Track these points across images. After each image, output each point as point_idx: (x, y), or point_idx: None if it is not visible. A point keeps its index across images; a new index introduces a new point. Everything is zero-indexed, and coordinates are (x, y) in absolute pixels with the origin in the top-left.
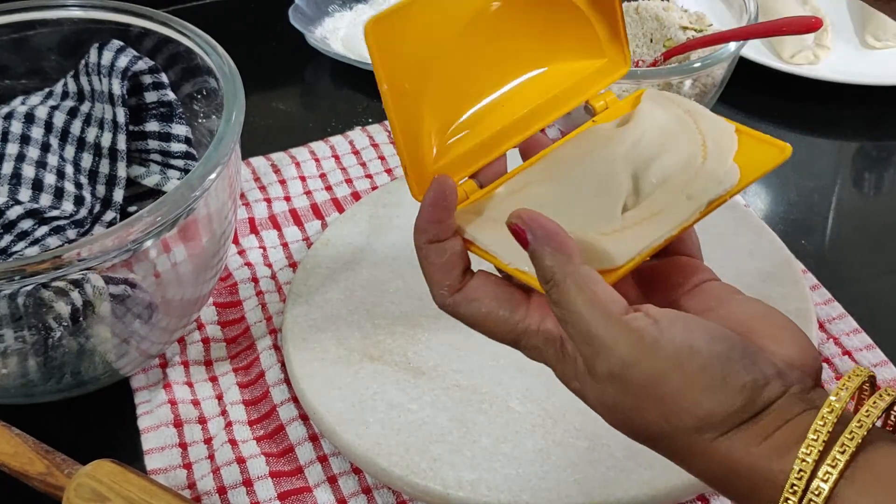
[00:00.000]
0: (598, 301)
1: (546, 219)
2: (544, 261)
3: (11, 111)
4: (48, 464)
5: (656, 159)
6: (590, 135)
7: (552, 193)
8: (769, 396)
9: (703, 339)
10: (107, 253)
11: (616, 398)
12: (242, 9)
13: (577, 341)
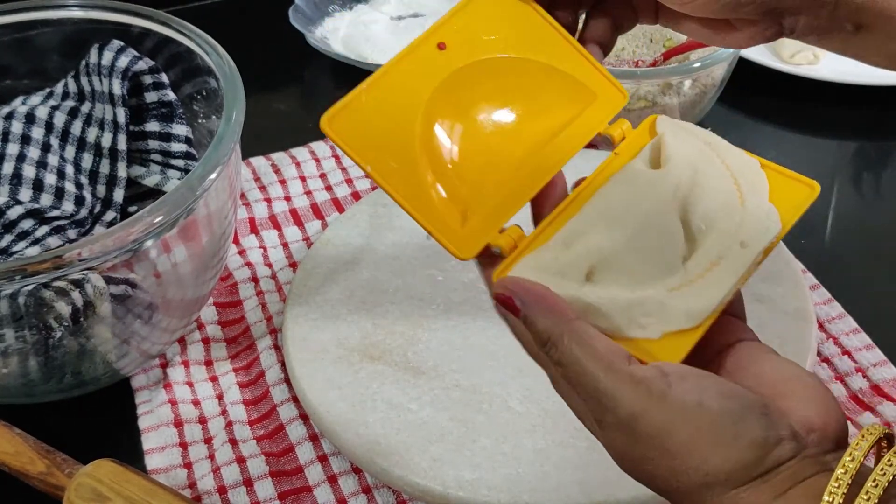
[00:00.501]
0: (600, 355)
1: (532, 283)
2: (537, 324)
3: (12, 111)
4: (49, 463)
5: (699, 202)
6: (630, 177)
7: (611, 245)
8: (781, 456)
9: (713, 397)
10: (107, 253)
11: (625, 447)
12: (242, 9)
13: (585, 397)
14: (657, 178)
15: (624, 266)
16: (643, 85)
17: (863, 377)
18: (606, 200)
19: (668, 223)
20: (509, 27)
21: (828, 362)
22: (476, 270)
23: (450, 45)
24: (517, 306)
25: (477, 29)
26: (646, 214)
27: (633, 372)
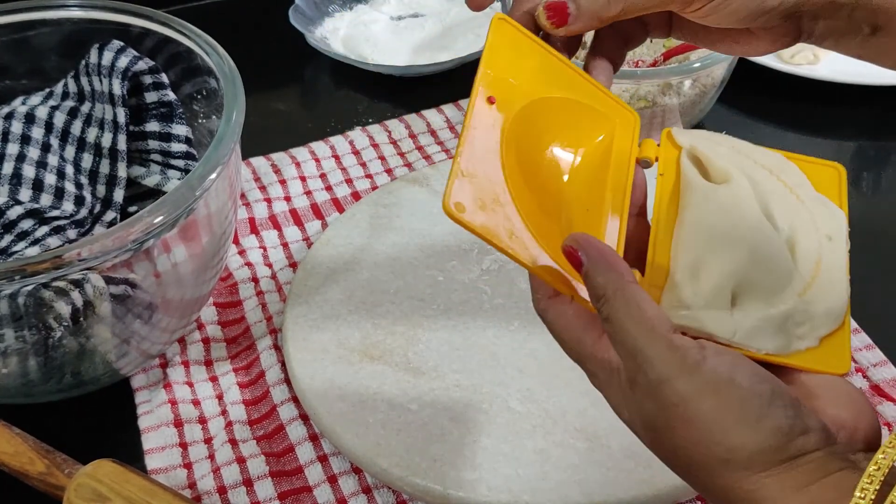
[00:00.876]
0: (646, 318)
1: (599, 242)
2: (597, 278)
3: (12, 111)
4: (48, 463)
5: (773, 208)
6: (703, 196)
7: (736, 266)
8: (804, 446)
9: (747, 377)
10: (107, 253)
11: (652, 416)
12: (242, 9)
13: (623, 356)
14: (731, 192)
15: (756, 284)
16: (643, 85)
17: (863, 377)
18: (698, 223)
19: (769, 233)
20: (529, 67)
21: None
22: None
23: (497, 98)
24: (581, 259)
25: (508, 75)
26: (746, 229)
27: (672, 339)
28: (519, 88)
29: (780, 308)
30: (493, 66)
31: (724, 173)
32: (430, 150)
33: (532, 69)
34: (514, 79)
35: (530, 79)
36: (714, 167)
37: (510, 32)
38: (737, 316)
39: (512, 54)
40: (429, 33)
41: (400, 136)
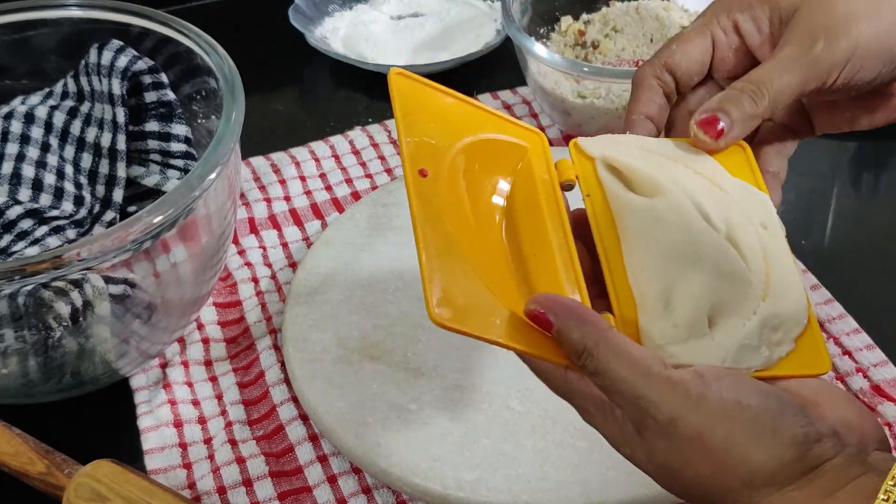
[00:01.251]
0: (637, 361)
1: (562, 297)
2: (572, 335)
3: (11, 111)
4: (48, 464)
5: (706, 208)
6: (642, 213)
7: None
8: (823, 453)
9: (751, 395)
10: (106, 253)
11: (666, 455)
12: (242, 9)
13: (624, 405)
14: (669, 205)
15: (724, 299)
16: None
17: (863, 377)
18: (648, 247)
19: (717, 241)
20: (438, 118)
21: None
22: None
23: (428, 169)
24: (550, 320)
25: (426, 136)
26: (697, 242)
27: (670, 375)
28: (438, 147)
29: (754, 320)
30: (411, 131)
31: (650, 183)
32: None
33: (441, 120)
34: (431, 138)
35: (443, 131)
36: (636, 176)
37: (409, 86)
38: (718, 339)
39: (420, 111)
40: (429, 33)
41: None
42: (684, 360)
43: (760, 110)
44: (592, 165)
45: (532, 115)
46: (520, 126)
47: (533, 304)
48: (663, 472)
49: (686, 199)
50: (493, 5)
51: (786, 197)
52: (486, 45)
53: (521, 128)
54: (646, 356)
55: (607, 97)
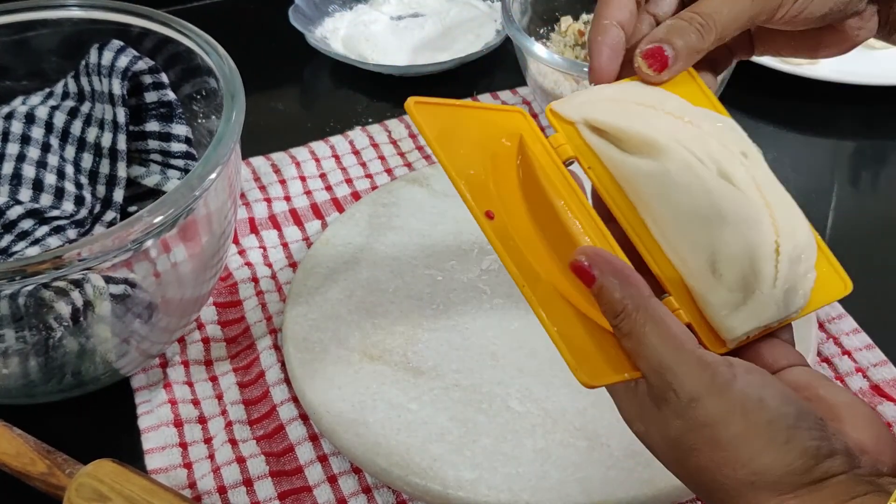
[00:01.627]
0: (672, 334)
1: (611, 254)
2: (614, 293)
3: (12, 111)
4: (49, 464)
5: (694, 152)
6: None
7: (739, 245)
8: (831, 468)
9: (775, 397)
10: (107, 253)
11: (679, 433)
12: (242, 9)
13: (648, 373)
14: (679, 166)
15: (755, 250)
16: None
17: (863, 377)
18: (672, 214)
19: (728, 191)
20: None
21: (828, 362)
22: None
23: (493, 209)
24: (593, 274)
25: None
26: (714, 200)
27: (702, 355)
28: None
29: (783, 261)
30: (459, 169)
31: (646, 142)
32: (430, 150)
33: (468, 140)
34: (472, 167)
35: (476, 152)
36: (629, 136)
37: (431, 111)
38: (766, 292)
39: (451, 138)
40: (429, 33)
41: (400, 136)
42: (751, 325)
43: (707, 44)
44: (576, 130)
45: (532, 115)
46: (502, 110)
47: (580, 255)
48: (672, 451)
49: (688, 154)
50: (492, 6)
51: None
52: (485, 46)
53: (505, 111)
54: (683, 332)
55: None
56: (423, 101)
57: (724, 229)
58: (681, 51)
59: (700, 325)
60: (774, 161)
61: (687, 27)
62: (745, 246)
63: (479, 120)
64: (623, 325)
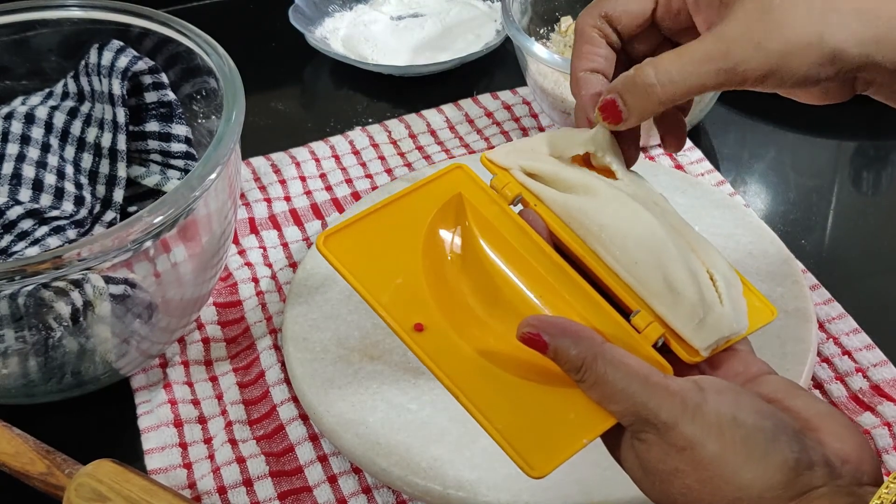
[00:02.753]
0: (634, 371)
1: (554, 317)
2: (570, 352)
3: (11, 111)
4: (49, 464)
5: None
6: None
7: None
8: (812, 481)
9: (749, 413)
10: (107, 253)
11: (657, 460)
12: (242, 9)
13: (623, 415)
14: (615, 197)
15: (696, 271)
16: None
17: (863, 377)
18: (615, 239)
19: (657, 221)
20: (381, 250)
21: (828, 362)
22: None
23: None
24: (545, 341)
25: (388, 281)
26: (650, 224)
27: (668, 384)
28: (413, 281)
29: (721, 285)
30: (377, 289)
31: (581, 184)
32: (429, 150)
33: (389, 247)
34: (400, 277)
35: (399, 258)
36: (564, 179)
37: (341, 240)
38: (718, 310)
39: (370, 258)
40: (429, 33)
41: (400, 136)
42: (719, 335)
43: (661, 108)
44: (511, 175)
45: (532, 116)
46: (440, 175)
47: (526, 328)
48: (650, 478)
49: (618, 191)
50: (492, 6)
51: (786, 196)
52: (485, 46)
53: (442, 175)
54: (644, 366)
55: None
56: (333, 232)
57: (668, 253)
58: (633, 110)
59: (671, 337)
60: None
61: (642, 86)
62: (688, 269)
63: (399, 213)
64: (587, 378)
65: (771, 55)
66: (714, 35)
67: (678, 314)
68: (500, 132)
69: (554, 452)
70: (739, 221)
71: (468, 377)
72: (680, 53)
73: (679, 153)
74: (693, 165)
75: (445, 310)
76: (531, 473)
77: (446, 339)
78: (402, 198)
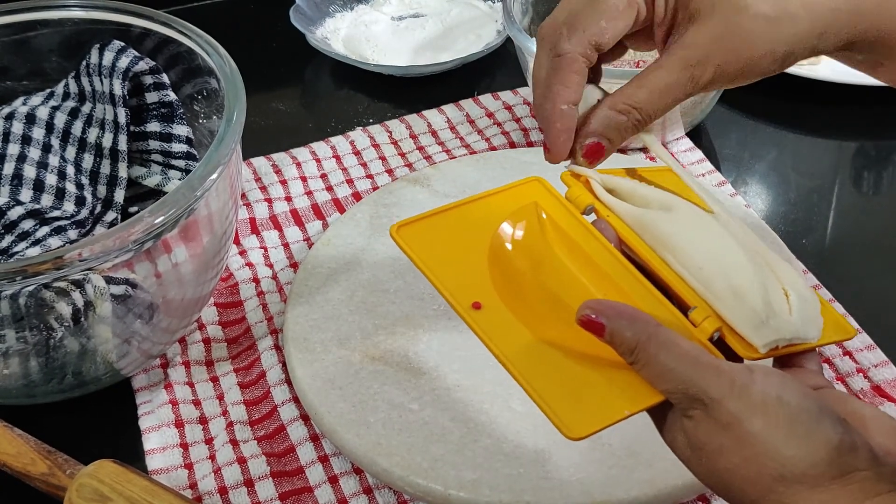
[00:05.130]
0: (685, 352)
1: (611, 301)
2: (625, 333)
3: (13, 112)
4: (50, 464)
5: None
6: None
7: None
8: (854, 462)
9: (794, 395)
10: (108, 253)
11: (704, 437)
12: (243, 9)
13: (672, 392)
14: (685, 213)
15: (766, 282)
16: None
17: (864, 378)
18: (686, 248)
19: (731, 237)
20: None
21: (829, 363)
22: None
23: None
24: (602, 323)
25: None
26: (723, 237)
27: (718, 364)
28: (471, 270)
29: (792, 294)
30: (441, 277)
31: (658, 199)
32: (430, 151)
33: (458, 242)
34: (462, 271)
35: (466, 250)
36: (643, 196)
37: (412, 232)
38: (785, 318)
39: (436, 248)
40: (429, 33)
41: (401, 137)
42: (778, 335)
43: (636, 133)
44: (589, 186)
45: (533, 116)
46: (516, 186)
47: (585, 310)
48: (698, 456)
49: (695, 207)
50: (493, 6)
51: (786, 197)
52: (486, 46)
53: (519, 185)
54: (695, 348)
55: None
56: (406, 223)
57: (738, 263)
58: (614, 144)
59: (728, 333)
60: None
61: (625, 124)
62: (758, 280)
63: (472, 214)
64: (639, 358)
65: (732, 75)
66: (679, 60)
67: (739, 314)
68: (500, 132)
69: (593, 418)
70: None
71: (518, 350)
72: (649, 84)
73: (679, 153)
74: (694, 166)
75: (505, 296)
76: (567, 434)
77: (502, 318)
78: (477, 201)
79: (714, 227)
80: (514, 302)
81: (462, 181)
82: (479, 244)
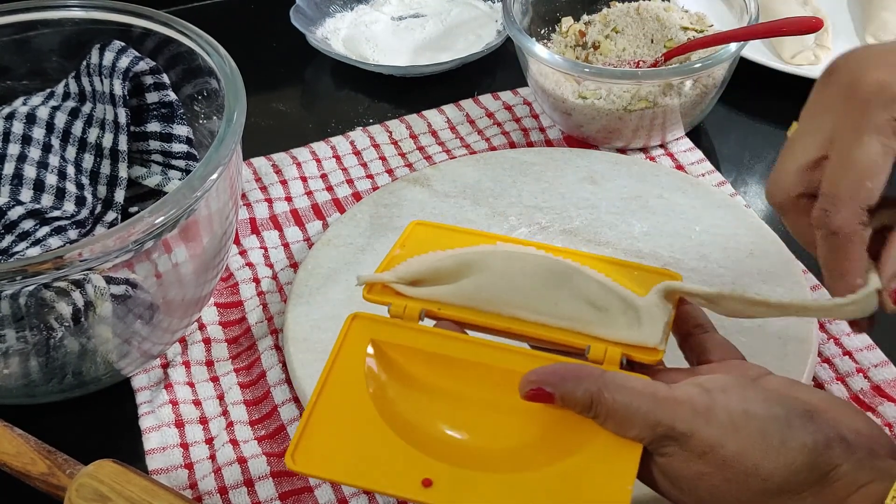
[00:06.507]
0: (641, 391)
1: (548, 366)
2: (575, 393)
3: (13, 112)
4: (50, 464)
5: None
6: (488, 283)
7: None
8: (832, 459)
9: (758, 404)
10: (108, 253)
11: (682, 468)
12: (243, 9)
13: (642, 435)
14: (498, 257)
15: (603, 281)
16: (644, 86)
17: (864, 378)
18: (526, 293)
19: (546, 255)
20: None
21: (829, 363)
22: None
23: (432, 479)
24: (549, 392)
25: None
26: (545, 261)
27: (676, 395)
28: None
29: (601, 274)
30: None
31: (462, 261)
32: (430, 151)
33: (351, 432)
34: (378, 452)
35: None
36: (447, 265)
37: (309, 455)
38: (643, 304)
39: (347, 458)
40: (429, 34)
41: (401, 137)
42: (659, 327)
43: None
44: (394, 291)
45: (533, 116)
46: (343, 334)
47: (528, 385)
48: (680, 486)
49: (500, 246)
50: (493, 6)
51: None
52: (486, 46)
53: (344, 333)
54: (648, 384)
55: (608, 98)
56: (294, 448)
57: (575, 280)
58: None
59: (629, 349)
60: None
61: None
62: (596, 281)
63: (336, 393)
64: (599, 411)
65: None
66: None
67: (618, 327)
68: (500, 132)
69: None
70: (740, 222)
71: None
72: None
73: (679, 153)
74: (694, 166)
75: (432, 452)
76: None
77: (457, 477)
78: (328, 380)
79: (524, 255)
80: (443, 449)
81: (462, 181)
82: (369, 419)
